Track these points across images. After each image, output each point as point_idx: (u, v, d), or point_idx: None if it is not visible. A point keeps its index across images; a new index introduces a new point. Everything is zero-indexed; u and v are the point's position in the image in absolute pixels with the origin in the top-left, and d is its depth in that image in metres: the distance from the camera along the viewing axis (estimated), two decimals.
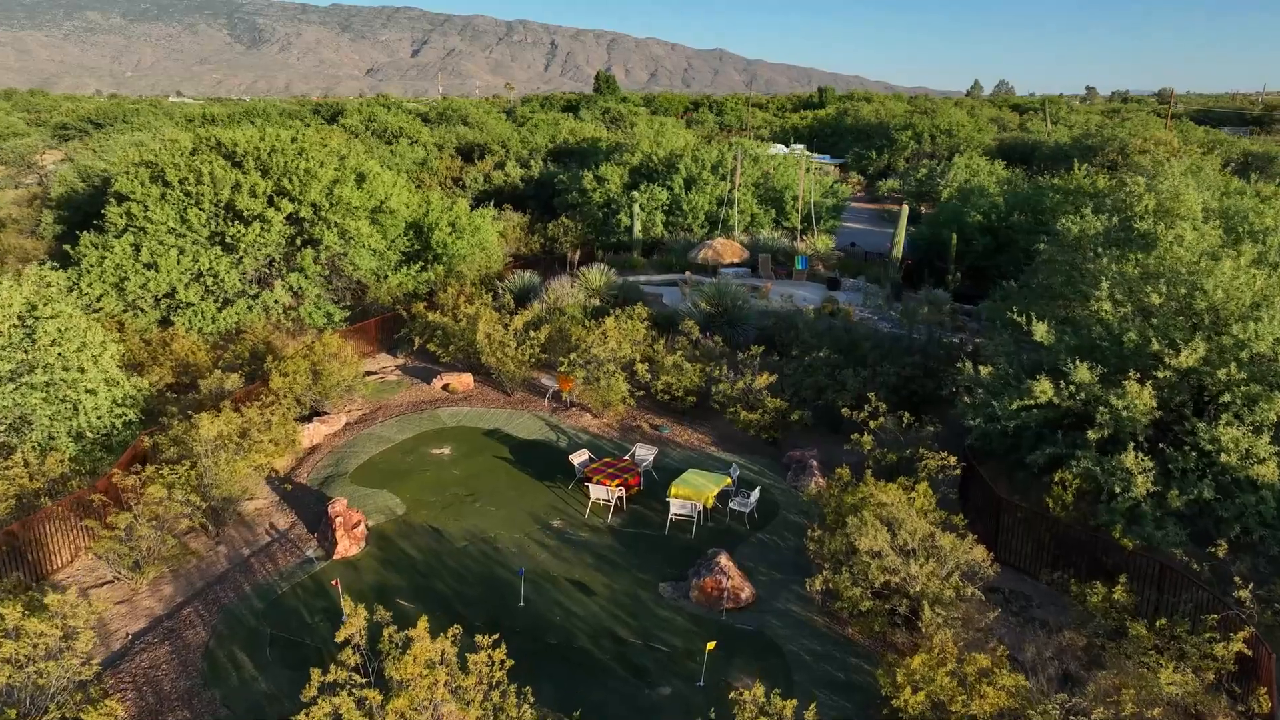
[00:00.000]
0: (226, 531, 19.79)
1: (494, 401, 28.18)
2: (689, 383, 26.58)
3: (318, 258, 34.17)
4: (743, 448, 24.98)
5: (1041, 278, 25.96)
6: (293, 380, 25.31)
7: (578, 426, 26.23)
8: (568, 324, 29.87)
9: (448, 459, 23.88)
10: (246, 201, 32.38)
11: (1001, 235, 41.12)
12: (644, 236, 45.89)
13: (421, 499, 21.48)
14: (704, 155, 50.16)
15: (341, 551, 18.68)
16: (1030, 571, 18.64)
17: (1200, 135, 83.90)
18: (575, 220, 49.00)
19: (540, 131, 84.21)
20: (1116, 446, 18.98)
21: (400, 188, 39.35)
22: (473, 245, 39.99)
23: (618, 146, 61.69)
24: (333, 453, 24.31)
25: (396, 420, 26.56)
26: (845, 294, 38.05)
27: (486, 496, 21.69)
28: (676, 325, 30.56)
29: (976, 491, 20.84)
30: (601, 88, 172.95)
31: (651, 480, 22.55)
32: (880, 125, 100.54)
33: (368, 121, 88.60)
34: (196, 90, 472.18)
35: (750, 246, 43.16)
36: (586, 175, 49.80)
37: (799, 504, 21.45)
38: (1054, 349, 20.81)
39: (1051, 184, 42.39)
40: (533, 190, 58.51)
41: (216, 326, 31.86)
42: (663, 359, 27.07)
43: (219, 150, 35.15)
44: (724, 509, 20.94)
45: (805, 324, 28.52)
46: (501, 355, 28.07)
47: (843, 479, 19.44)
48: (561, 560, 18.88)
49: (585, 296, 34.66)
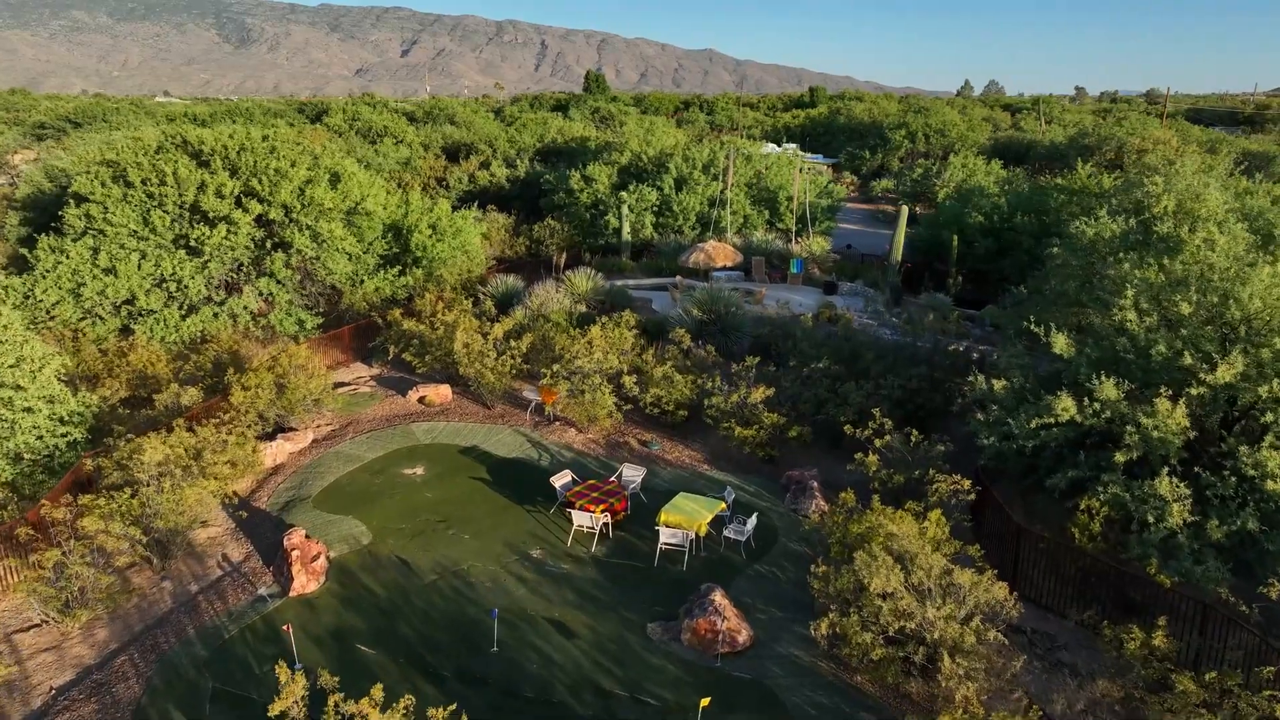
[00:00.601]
0: (174, 565, 18.06)
1: (473, 415, 26.48)
2: (680, 396, 24.94)
3: (289, 262, 32.41)
4: (737, 466, 23.35)
5: (1054, 283, 24.42)
6: (255, 395, 23.58)
7: (561, 443, 24.55)
8: (552, 332, 28.20)
9: (420, 480, 22.17)
10: (212, 202, 30.62)
11: (1004, 237, 39.63)
12: (633, 239, 44.25)
13: (389, 526, 19.78)
14: (695, 154, 48.55)
15: (298, 588, 16.97)
16: (1053, 608, 17.05)
17: (1199, 134, 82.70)
18: (562, 222, 47.32)
19: (528, 131, 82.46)
20: (1146, 470, 17.46)
21: (378, 188, 37.64)
22: (454, 248, 38.30)
23: (607, 146, 60.07)
24: (297, 473, 22.57)
25: (367, 436, 24.84)
26: (843, 299, 36.48)
27: (460, 523, 19.99)
28: (667, 333, 28.92)
29: (991, 517, 19.26)
30: (591, 87, 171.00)
31: (640, 503, 20.90)
32: (873, 124, 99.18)
33: (352, 121, 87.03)
34: (185, 90, 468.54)
35: (743, 249, 41.56)
36: (574, 175, 48.11)
37: (799, 530, 19.82)
38: (1074, 362, 19.23)
39: (1055, 184, 40.91)
40: (519, 191, 56.82)
41: (179, 335, 30.08)
42: (652, 370, 25.42)
43: (185, 149, 33.38)
44: (718, 536, 19.31)
45: (803, 333, 26.90)
46: (480, 366, 26.38)
47: (847, 504, 17.85)
48: (540, 596, 17.21)
49: (571, 302, 33.00)
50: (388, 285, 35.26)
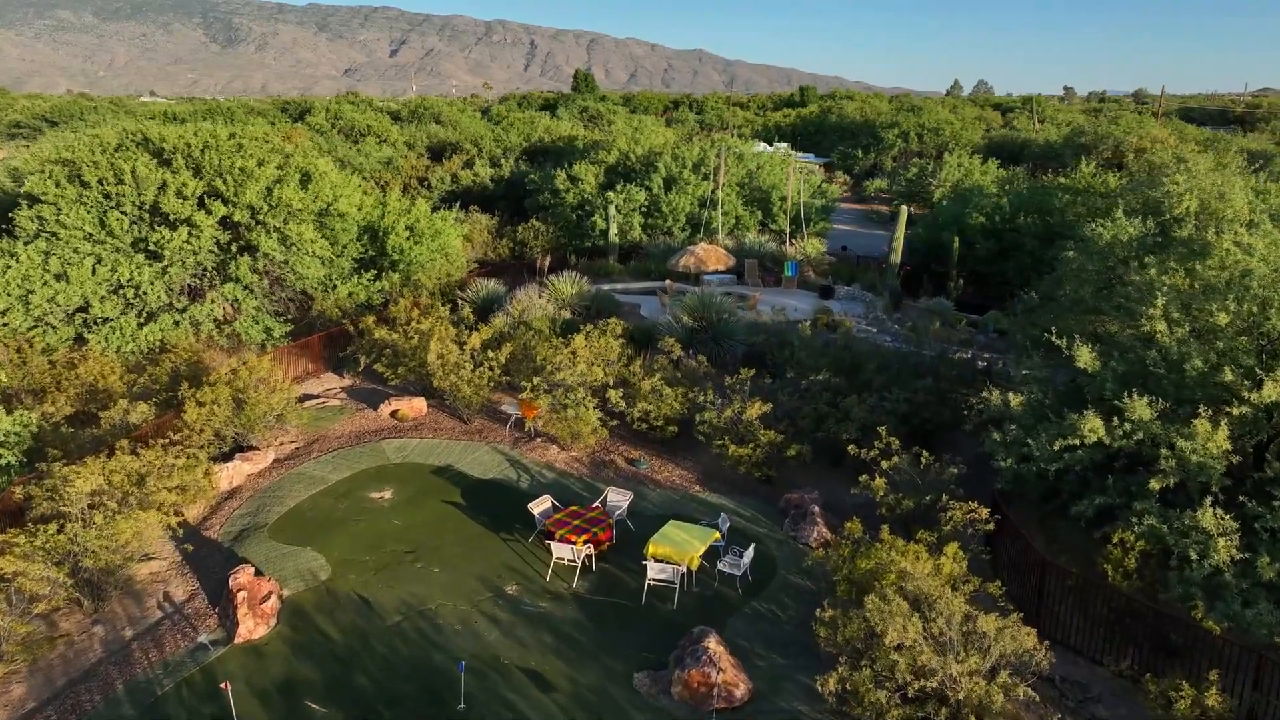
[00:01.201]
0: (108, 606, 16.28)
1: (448, 431, 24.74)
2: (669, 410, 23.26)
3: (255, 266, 30.60)
4: (731, 487, 21.68)
5: (1069, 289, 22.83)
6: (211, 411, 21.78)
7: (542, 462, 22.84)
8: (533, 341, 26.47)
9: (388, 505, 20.42)
10: (172, 203, 28.79)
11: (1006, 239, 38.07)
12: (620, 240, 42.56)
13: (351, 558, 18.03)
14: (685, 153, 46.88)
15: (245, 634, 15.23)
16: (1083, 650, 15.44)
17: (1196, 133, 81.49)
18: (547, 223, 45.59)
19: (515, 130, 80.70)
20: (1183, 498, 15.87)
21: (352, 188, 35.84)
22: (433, 251, 36.54)
23: (595, 145, 58.37)
24: (254, 497, 20.79)
25: (334, 455, 23.07)
26: (840, 303, 34.86)
27: (429, 554, 18.26)
28: (655, 341, 27.24)
29: (1010, 546, 17.65)
30: (580, 86, 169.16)
31: (626, 530, 19.21)
32: (866, 124, 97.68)
33: (334, 120, 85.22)
34: (171, 90, 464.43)
35: (735, 251, 39.93)
36: (559, 175, 46.37)
37: (800, 560, 18.17)
38: (1099, 376, 17.62)
39: (1058, 183, 39.39)
40: (503, 191, 55.06)
41: (136, 345, 28.21)
42: (639, 383, 23.72)
43: (146, 147, 31.51)
44: (711, 569, 17.63)
45: (801, 341, 25.23)
46: (456, 379, 24.64)
47: (853, 535, 16.20)
48: (514, 641, 15.49)
49: (555, 308, 31.30)
50: (362, 290, 33.46)
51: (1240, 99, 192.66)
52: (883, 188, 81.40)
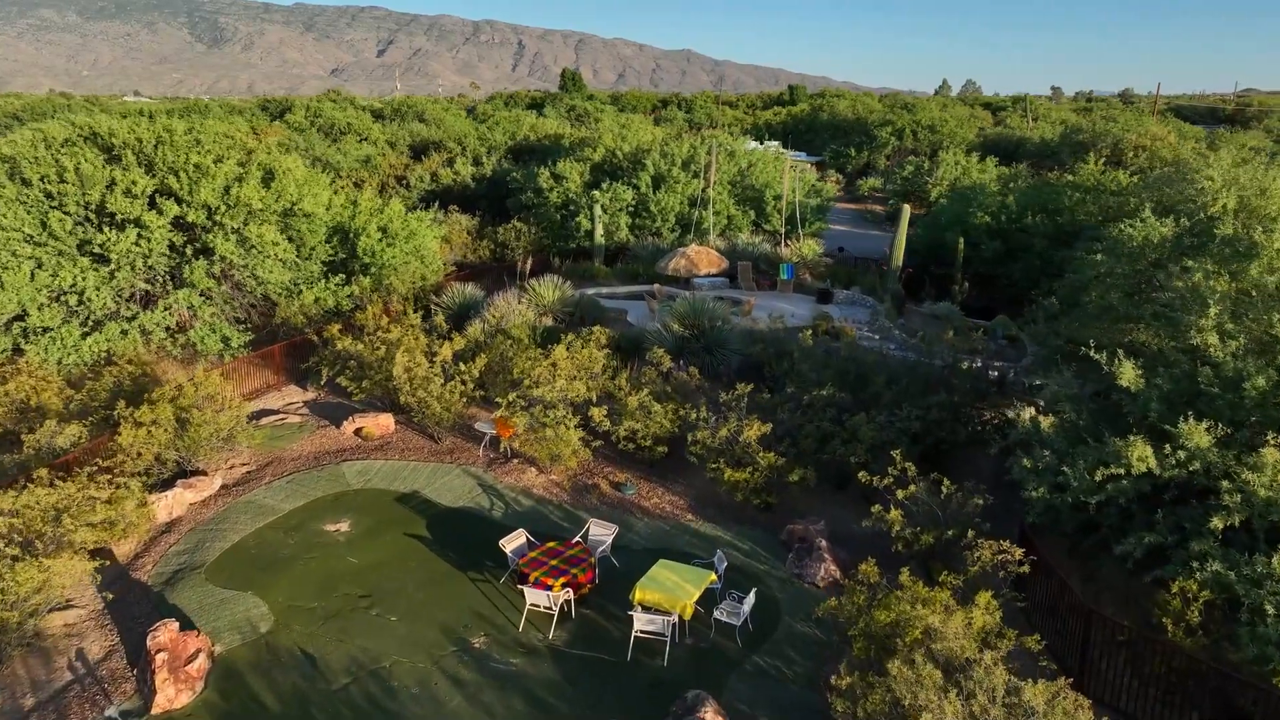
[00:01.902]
0: (9, 669, 14.09)
1: (417, 451, 22.60)
2: (658, 429, 21.16)
3: (211, 270, 28.37)
4: (728, 515, 19.61)
5: (1095, 295, 20.85)
6: (149, 433, 19.58)
7: (518, 486, 20.72)
8: (511, 351, 24.34)
9: (344, 539, 18.26)
10: (120, 203, 26.55)
11: (1013, 239, 36.14)
12: (606, 242, 40.42)
13: (298, 605, 15.88)
14: (674, 150, 44.77)
15: (163, 704, 13.05)
16: (1135, 716, 13.41)
17: (1195, 131, 79.98)
18: (530, 224, 43.41)
19: (499, 128, 78.55)
20: (1246, 537, 13.87)
21: (321, 186, 33.62)
22: (407, 253, 34.36)
23: (581, 143, 56.25)
24: (195, 531, 18.60)
25: (288, 480, 20.89)
26: (839, 308, 32.82)
27: (387, 598, 16.13)
28: (643, 351, 25.16)
29: (1042, 588, 15.62)
30: (568, 86, 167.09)
31: (610, 568, 17.12)
32: (858, 121, 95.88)
33: (314, 118, 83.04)
34: (156, 90, 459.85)
35: (728, 253, 37.86)
36: (542, 173, 44.19)
37: (807, 603, 16.11)
38: (1143, 396, 15.62)
39: (1067, 181, 37.47)
40: (485, 190, 52.86)
41: (79, 356, 25.97)
42: (625, 399, 21.60)
43: (94, 142, 29.24)
44: (707, 615, 15.54)
45: (802, 352, 23.16)
46: (424, 394, 22.49)
47: (869, 579, 14.12)
48: (479, 708, 13.36)
49: (535, 315, 29.16)
50: (330, 295, 31.23)
51: (1230, 98, 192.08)
52: (876, 187, 79.62)
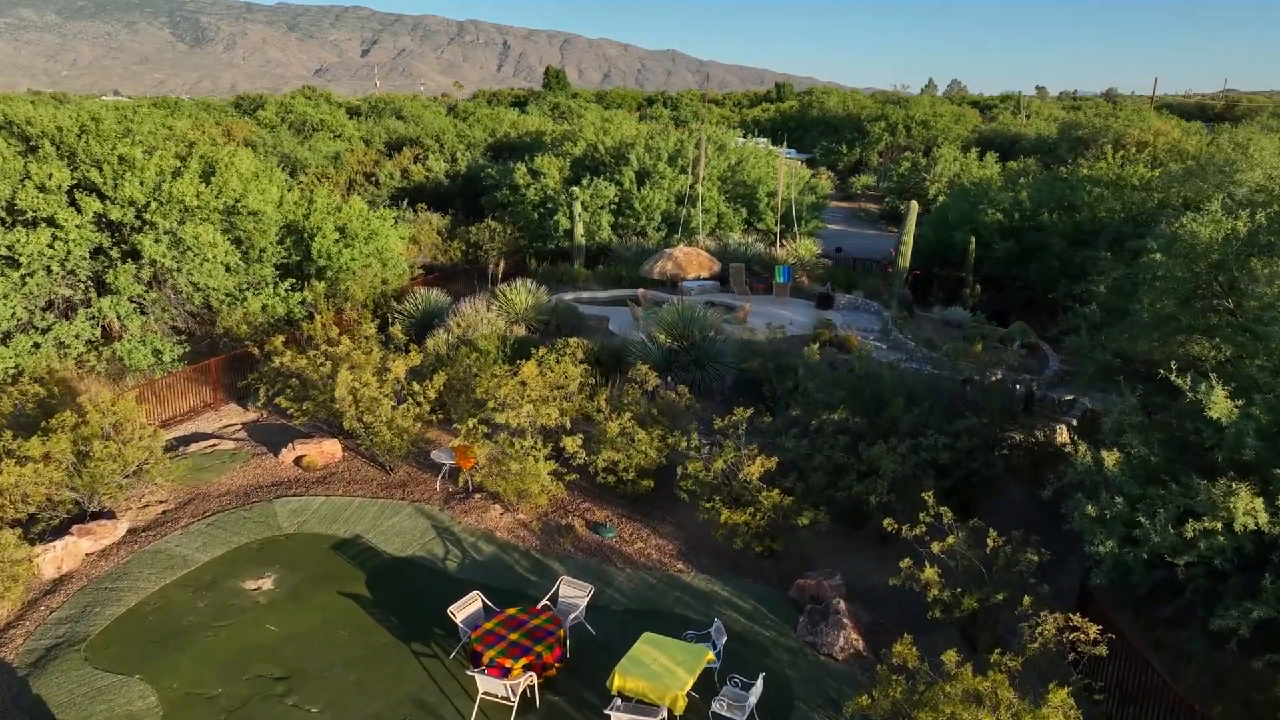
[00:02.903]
0: None
1: (364, 484, 19.55)
2: (643, 460, 18.19)
3: (139, 275, 25.25)
4: (725, 564, 16.65)
5: (1148, 302, 18.01)
6: (35, 471, 16.47)
7: (479, 529, 17.69)
8: (475, 367, 21.32)
9: (264, 601, 15.20)
10: (31, 198, 23.41)
11: (1027, 238, 33.33)
12: (587, 242, 37.40)
13: (197, 692, 12.81)
14: (660, 144, 41.82)
15: None
16: None
17: (1198, 126, 77.62)
18: (505, 223, 40.33)
19: (479, 125, 75.50)
20: None
21: (273, 182, 30.48)
22: (367, 255, 31.28)
23: (563, 138, 53.21)
24: (86, 590, 15.50)
25: (209, 523, 17.80)
26: (842, 315, 29.91)
27: (310, 683, 13.08)
28: (626, 365, 22.18)
29: (1112, 667, 12.72)
30: (551, 84, 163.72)
31: (585, 636, 14.15)
32: (849, 117, 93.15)
33: (285, 114, 79.92)
34: (137, 90, 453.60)
35: (719, 254, 34.94)
36: (519, 168, 41.14)
37: (824, 681, 13.17)
38: (1235, 431, 12.73)
39: (1084, 175, 34.71)
40: (460, 188, 49.76)
41: None
42: (604, 424, 18.59)
43: (9, 131, 26.08)
44: (702, 702, 12.57)
45: (808, 368, 20.18)
46: (373, 419, 19.43)
47: (906, 661, 11.18)
48: None
49: (506, 323, 26.16)
50: (279, 303, 28.12)
51: (1219, 96, 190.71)
52: (869, 184, 76.99)
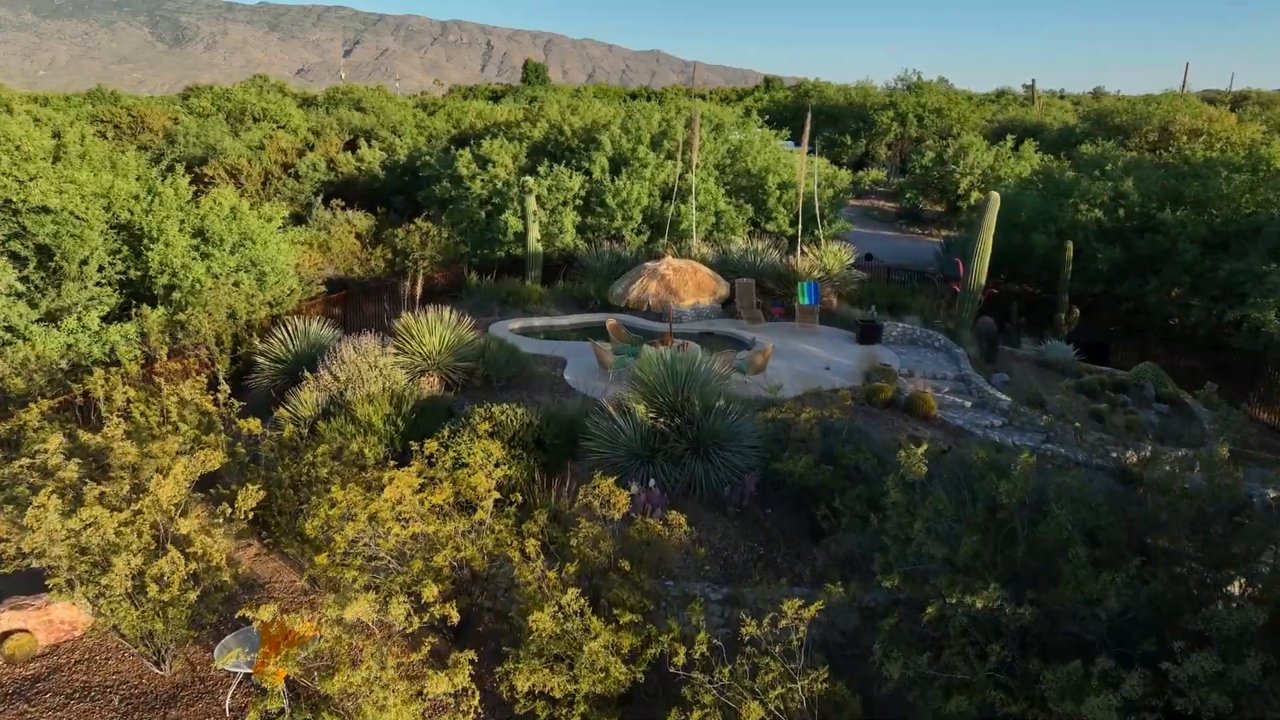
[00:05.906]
0: None
1: (108, 695, 10.77)
2: (602, 684, 9.44)
3: None
4: None
5: None
6: None
7: None
8: (324, 466, 12.53)
9: None
10: None
11: (1139, 245, 24.76)
12: (545, 249, 28.63)
13: None
14: (640, 123, 33.07)
15: None
16: None
17: (1252, 113, 69.89)
18: (442, 225, 31.46)
19: (441, 114, 66.91)
20: None
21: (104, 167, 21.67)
22: (234, 268, 22.50)
23: (524, 118, 44.43)
24: None
25: None
26: (895, 352, 21.27)
27: None
28: (580, 448, 13.49)
29: None
30: (530, 78, 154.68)
31: None
32: (851, 106, 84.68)
33: (221, 102, 71.40)
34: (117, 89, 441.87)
35: (718, 264, 26.29)
36: (462, 155, 32.29)
37: None
38: None
39: (1220, 160, 26.10)
40: (399, 182, 40.95)
41: None
42: (528, 608, 9.79)
43: None
44: None
45: (903, 486, 11.29)
46: (109, 583, 10.58)
47: None
48: None
49: (409, 374, 17.42)
50: (88, 339, 19.27)
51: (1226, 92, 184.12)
52: (880, 179, 68.59)
